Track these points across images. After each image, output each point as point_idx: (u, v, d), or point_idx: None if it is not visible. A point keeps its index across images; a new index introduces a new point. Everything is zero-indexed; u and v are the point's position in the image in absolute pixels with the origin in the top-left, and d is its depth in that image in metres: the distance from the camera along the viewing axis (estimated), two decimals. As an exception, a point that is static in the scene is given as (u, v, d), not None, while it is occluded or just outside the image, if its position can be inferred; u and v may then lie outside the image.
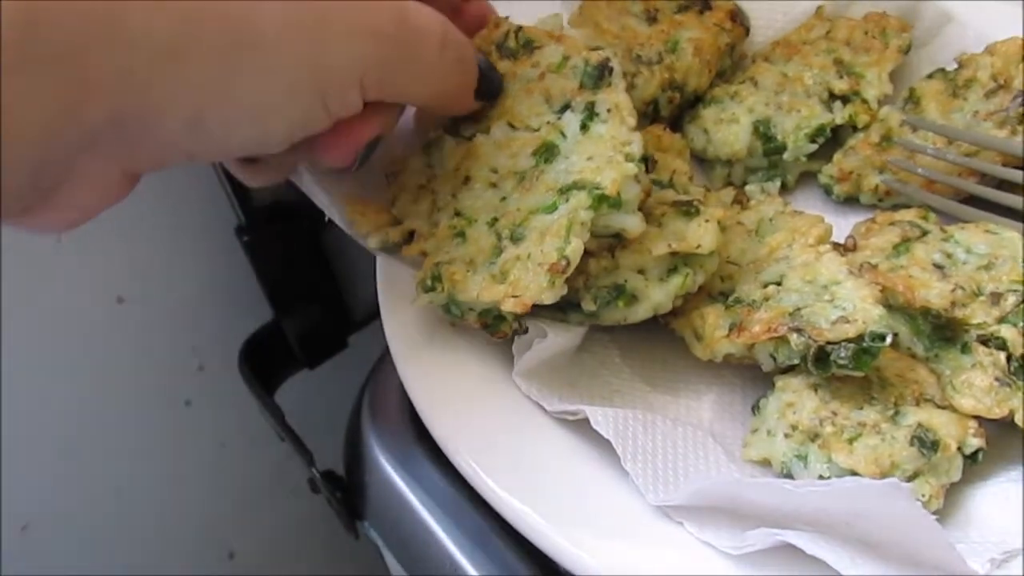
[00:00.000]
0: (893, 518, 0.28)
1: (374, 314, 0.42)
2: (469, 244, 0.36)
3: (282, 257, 0.53)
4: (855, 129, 0.46)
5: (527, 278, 0.34)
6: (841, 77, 0.46)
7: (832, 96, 0.46)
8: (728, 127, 0.46)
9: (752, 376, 0.39)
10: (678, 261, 0.37)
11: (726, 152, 0.46)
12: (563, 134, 0.38)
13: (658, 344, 0.41)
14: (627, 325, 0.38)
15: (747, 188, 0.46)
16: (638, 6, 0.48)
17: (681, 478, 0.34)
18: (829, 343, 0.34)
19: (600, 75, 0.39)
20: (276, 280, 0.53)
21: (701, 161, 0.48)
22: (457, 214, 0.38)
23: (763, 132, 0.45)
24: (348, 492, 0.51)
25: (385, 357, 0.53)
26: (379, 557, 0.55)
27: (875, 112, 0.45)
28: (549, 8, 0.46)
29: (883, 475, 0.32)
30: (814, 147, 0.45)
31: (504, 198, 0.37)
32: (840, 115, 0.45)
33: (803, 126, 0.45)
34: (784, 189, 0.47)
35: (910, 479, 0.32)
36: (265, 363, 0.56)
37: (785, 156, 0.45)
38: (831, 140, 0.46)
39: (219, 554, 0.72)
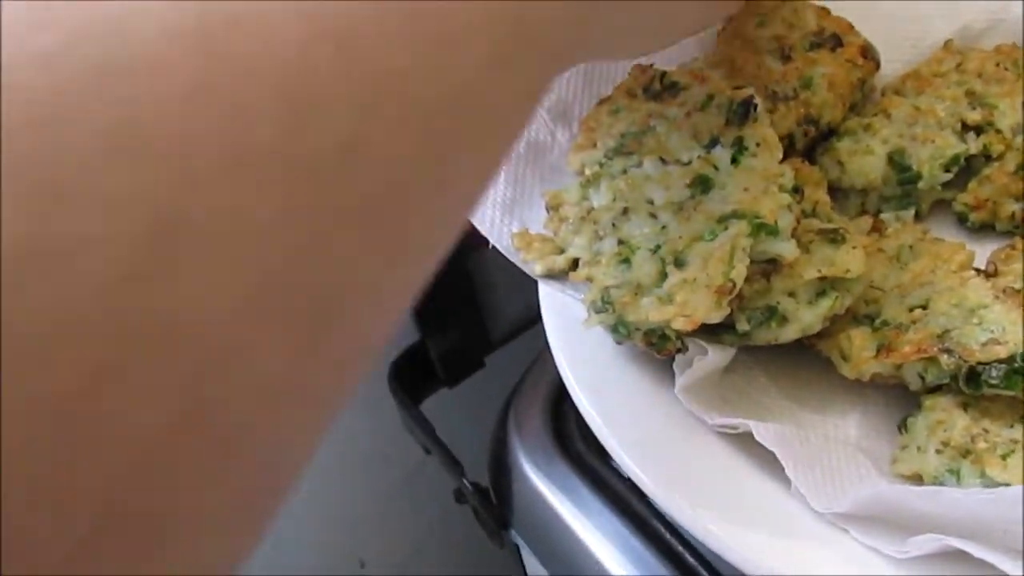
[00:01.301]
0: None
1: (510, 335, 0.45)
2: (635, 269, 0.39)
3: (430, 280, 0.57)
4: (988, 159, 0.47)
5: (695, 299, 0.37)
6: (974, 108, 0.48)
7: (965, 127, 0.48)
8: (863, 158, 0.47)
9: (896, 396, 0.41)
10: (826, 285, 0.40)
11: (861, 182, 0.48)
12: (716, 167, 0.41)
13: (801, 366, 0.43)
14: (769, 348, 0.41)
15: (882, 216, 0.47)
16: (772, 44, 0.51)
17: (839, 489, 0.36)
18: (980, 363, 0.36)
19: (746, 112, 0.42)
20: (422, 302, 0.57)
21: (834, 191, 0.50)
22: (621, 242, 0.41)
23: (898, 162, 0.47)
24: (494, 502, 0.55)
25: (527, 375, 0.56)
26: (518, 564, 0.58)
27: (1009, 141, 0.47)
28: (687, 52, 0.49)
29: (1038, 489, 0.34)
30: (949, 176, 0.47)
31: (664, 227, 0.40)
32: (974, 145, 0.47)
33: (937, 156, 0.47)
34: (917, 217, 0.48)
35: (1065, 494, 0.34)
36: (410, 380, 0.60)
37: (920, 185, 0.47)
38: (964, 169, 0.48)
39: (351, 564, 0.76)
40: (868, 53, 0.51)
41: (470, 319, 0.59)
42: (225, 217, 0.17)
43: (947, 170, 0.47)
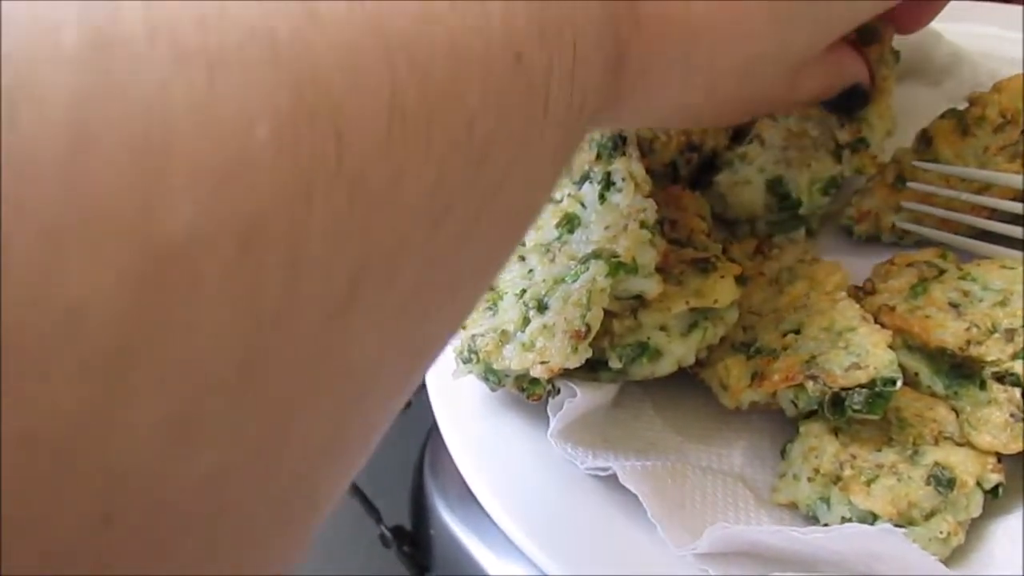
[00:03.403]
0: (904, 560, 0.30)
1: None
2: (500, 315, 0.39)
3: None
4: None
5: (553, 345, 0.37)
6: (842, 126, 0.47)
7: (839, 146, 0.47)
8: (743, 189, 0.47)
9: (781, 422, 0.41)
10: (698, 316, 0.40)
11: (744, 214, 0.47)
12: (583, 204, 0.41)
13: (689, 395, 0.43)
14: (659, 378, 0.40)
15: (774, 239, 0.47)
16: (654, 70, 0.51)
17: (708, 526, 0.36)
18: (843, 389, 0.36)
19: (615, 145, 0.42)
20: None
21: (725, 221, 0.49)
22: (491, 288, 0.41)
23: (777, 191, 0.47)
24: (416, 546, 0.55)
25: (441, 417, 0.56)
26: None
27: (878, 159, 0.46)
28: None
29: (900, 515, 0.34)
30: (828, 199, 0.46)
31: (531, 270, 0.40)
32: (848, 167, 0.46)
33: (815, 180, 0.46)
34: (810, 235, 0.48)
35: (928, 517, 0.34)
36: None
37: (801, 211, 0.46)
38: (849, 180, 0.47)
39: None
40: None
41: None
42: (384, 286, 0.19)
43: (826, 193, 0.46)
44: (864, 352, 0.36)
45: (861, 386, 0.35)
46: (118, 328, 0.14)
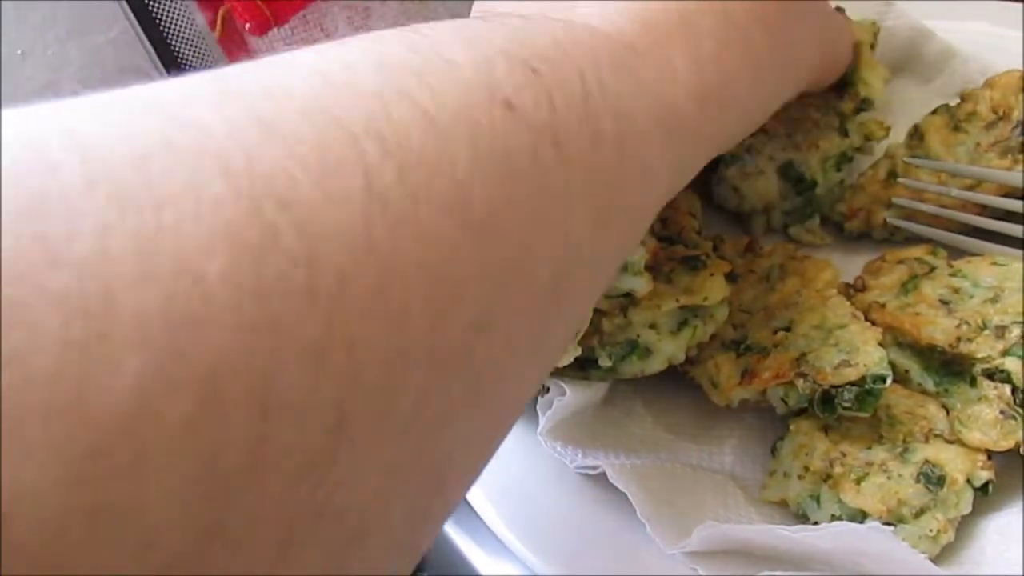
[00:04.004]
0: (892, 558, 0.30)
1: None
2: (488, 314, 0.39)
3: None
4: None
5: (541, 344, 0.37)
6: (841, 98, 0.47)
7: (843, 120, 0.47)
8: (756, 179, 0.47)
9: (772, 419, 0.41)
10: (688, 313, 0.40)
11: (760, 203, 0.47)
12: (573, 202, 0.41)
13: (680, 392, 0.43)
14: (649, 376, 0.40)
15: (789, 231, 0.47)
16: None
17: (698, 525, 0.35)
18: (834, 386, 0.36)
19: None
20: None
21: (738, 216, 0.49)
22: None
23: (790, 175, 0.47)
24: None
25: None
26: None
27: (885, 123, 0.46)
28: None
29: (890, 512, 0.33)
30: (843, 175, 0.46)
31: (520, 267, 0.40)
32: (857, 137, 0.46)
33: (826, 157, 0.46)
34: (824, 223, 0.48)
35: (918, 515, 0.34)
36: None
37: (818, 191, 0.46)
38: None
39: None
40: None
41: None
42: (380, 407, 0.17)
43: (839, 169, 0.46)
44: (854, 349, 0.36)
45: (851, 383, 0.35)
46: (53, 527, 0.12)
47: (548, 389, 0.39)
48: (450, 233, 0.18)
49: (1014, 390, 0.36)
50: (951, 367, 0.38)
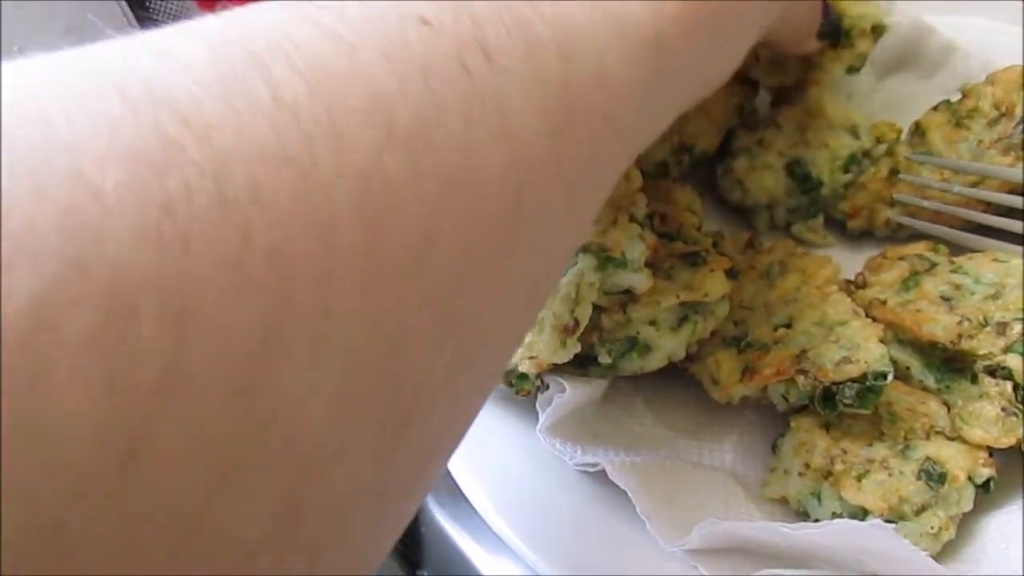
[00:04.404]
0: (893, 556, 0.29)
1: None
2: (488, 310, 0.39)
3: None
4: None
5: (541, 340, 0.36)
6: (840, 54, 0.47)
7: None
8: (762, 174, 0.46)
9: (772, 416, 0.41)
10: (688, 310, 0.39)
11: (764, 198, 0.47)
12: (572, 198, 0.41)
13: (680, 389, 0.42)
14: (649, 373, 0.40)
15: (792, 229, 0.47)
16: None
17: (698, 522, 0.35)
18: (834, 383, 0.36)
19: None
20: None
21: (742, 210, 0.49)
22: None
23: (796, 172, 0.46)
24: (406, 543, 0.54)
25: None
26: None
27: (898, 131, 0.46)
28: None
29: (891, 510, 0.33)
30: (850, 177, 0.46)
31: (519, 264, 0.40)
32: (867, 138, 0.46)
33: (834, 158, 0.46)
34: (828, 222, 0.47)
35: (919, 512, 0.33)
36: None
37: (823, 191, 0.46)
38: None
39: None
40: (746, 78, 0.50)
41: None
42: (318, 326, 0.16)
43: (846, 171, 0.46)
44: (855, 346, 0.36)
45: (852, 380, 0.35)
46: None
47: (547, 386, 0.39)
48: (374, 143, 0.18)
49: (1015, 387, 0.35)
50: (952, 364, 0.38)
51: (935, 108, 0.46)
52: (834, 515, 0.35)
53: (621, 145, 0.26)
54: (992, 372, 0.36)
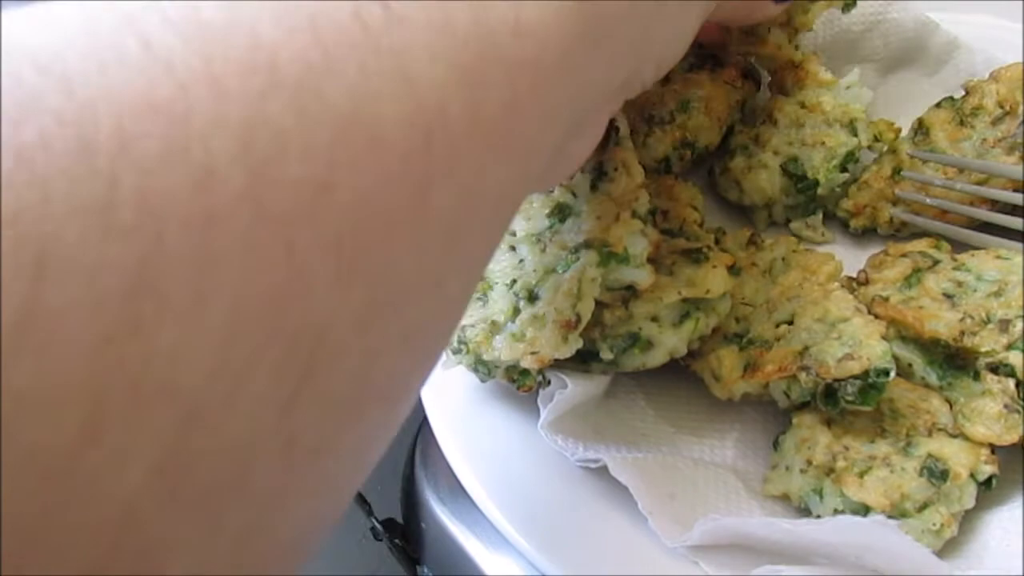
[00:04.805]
0: (894, 552, 0.29)
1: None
2: (490, 306, 0.39)
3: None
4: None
5: (543, 336, 0.36)
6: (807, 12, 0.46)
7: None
8: (758, 174, 0.46)
9: (774, 413, 0.41)
10: (690, 306, 0.39)
11: (761, 199, 0.47)
12: (574, 194, 0.41)
13: (682, 386, 0.42)
14: (651, 369, 0.40)
15: (791, 225, 0.47)
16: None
17: (699, 518, 0.35)
18: (836, 380, 0.36)
19: (607, 135, 0.42)
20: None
21: (741, 209, 0.49)
22: (481, 279, 0.40)
23: (793, 172, 0.46)
24: (407, 539, 0.54)
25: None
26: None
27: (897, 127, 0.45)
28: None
29: (893, 506, 0.33)
30: (846, 175, 0.45)
31: (522, 260, 0.40)
32: (865, 136, 0.46)
33: (830, 157, 0.45)
34: (827, 218, 0.47)
35: (921, 509, 0.33)
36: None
37: (819, 191, 0.46)
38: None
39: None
40: (748, 74, 0.50)
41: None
42: (196, 272, 0.16)
43: (843, 169, 0.46)
44: (857, 343, 0.36)
45: (854, 377, 0.35)
46: None
47: (549, 382, 0.39)
48: (256, 92, 0.17)
49: (1018, 384, 0.35)
50: (954, 361, 0.38)
51: (938, 105, 0.46)
52: (836, 512, 0.35)
53: (549, 94, 0.24)
54: (994, 369, 0.36)
